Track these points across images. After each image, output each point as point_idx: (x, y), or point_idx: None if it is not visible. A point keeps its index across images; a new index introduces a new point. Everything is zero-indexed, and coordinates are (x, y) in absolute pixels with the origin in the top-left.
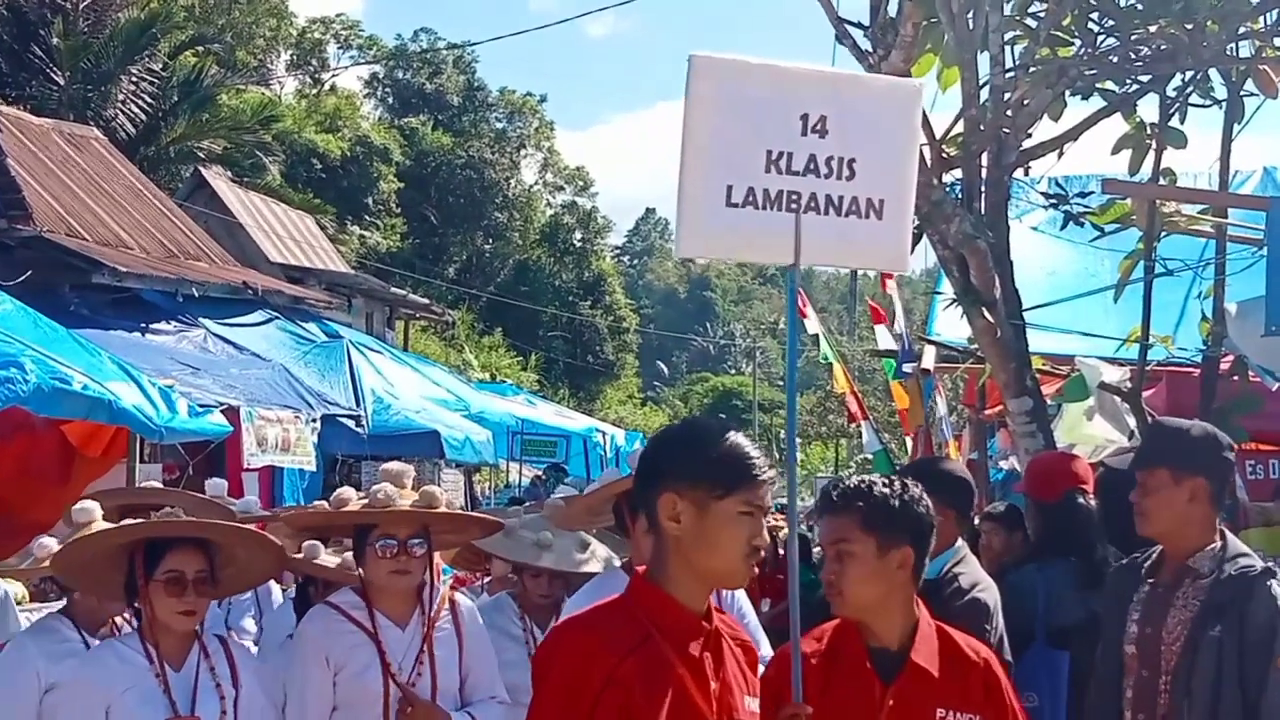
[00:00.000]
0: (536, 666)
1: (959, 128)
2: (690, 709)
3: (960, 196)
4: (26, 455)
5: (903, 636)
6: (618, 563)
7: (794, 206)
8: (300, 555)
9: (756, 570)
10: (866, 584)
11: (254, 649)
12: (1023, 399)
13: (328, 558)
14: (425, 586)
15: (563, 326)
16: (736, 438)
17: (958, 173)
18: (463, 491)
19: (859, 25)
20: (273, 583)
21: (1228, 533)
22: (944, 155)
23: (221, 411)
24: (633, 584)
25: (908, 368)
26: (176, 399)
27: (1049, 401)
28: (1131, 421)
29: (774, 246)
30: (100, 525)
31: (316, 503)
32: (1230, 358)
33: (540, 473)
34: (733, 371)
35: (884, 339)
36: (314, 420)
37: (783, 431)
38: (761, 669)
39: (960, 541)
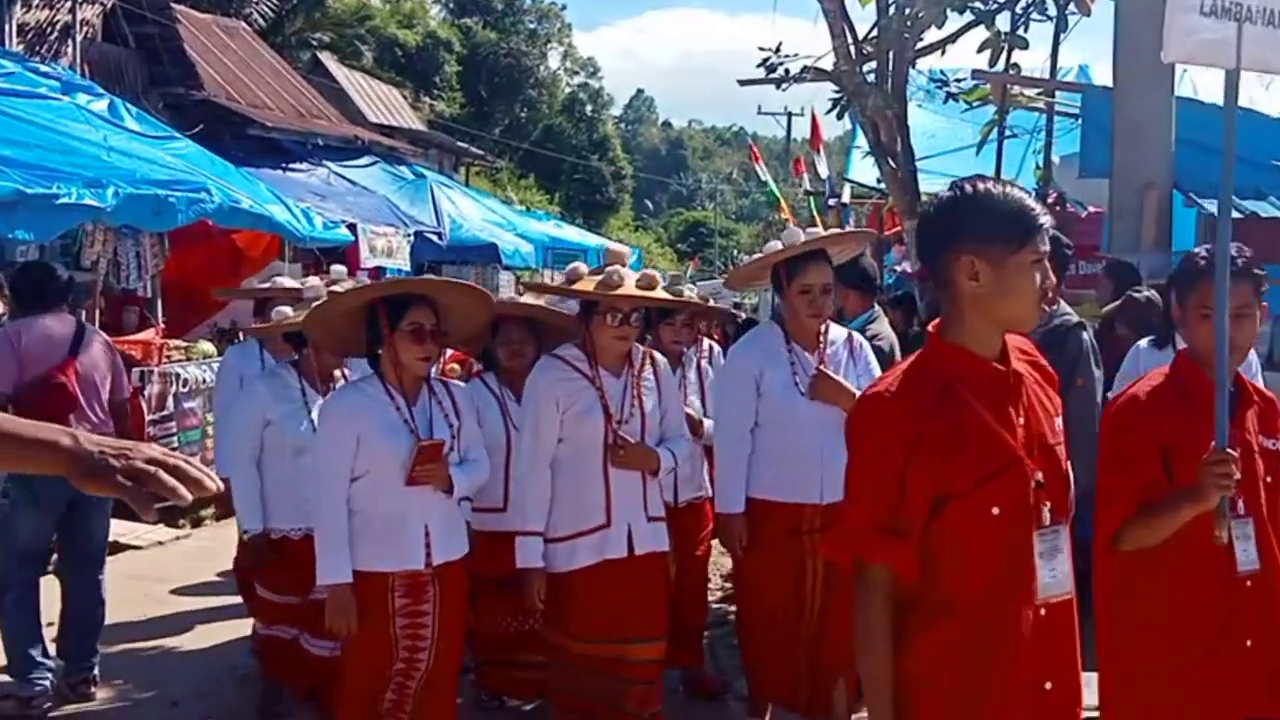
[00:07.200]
0: (850, 433)
1: (875, 32)
2: (998, 445)
3: (875, 80)
4: (209, 255)
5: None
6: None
7: (1238, 16)
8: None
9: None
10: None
11: None
12: (914, 220)
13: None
14: (631, 346)
15: (578, 173)
16: (1016, 193)
17: (874, 63)
18: (512, 288)
19: None
20: None
21: (1062, 301)
22: (862, 51)
23: (346, 226)
24: (930, 344)
25: (831, 202)
26: (315, 217)
27: None
28: None
29: (1223, 53)
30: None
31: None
32: (1055, 194)
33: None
34: (700, 208)
35: (806, 184)
36: (409, 235)
37: (737, 250)
38: None
39: (875, 307)
